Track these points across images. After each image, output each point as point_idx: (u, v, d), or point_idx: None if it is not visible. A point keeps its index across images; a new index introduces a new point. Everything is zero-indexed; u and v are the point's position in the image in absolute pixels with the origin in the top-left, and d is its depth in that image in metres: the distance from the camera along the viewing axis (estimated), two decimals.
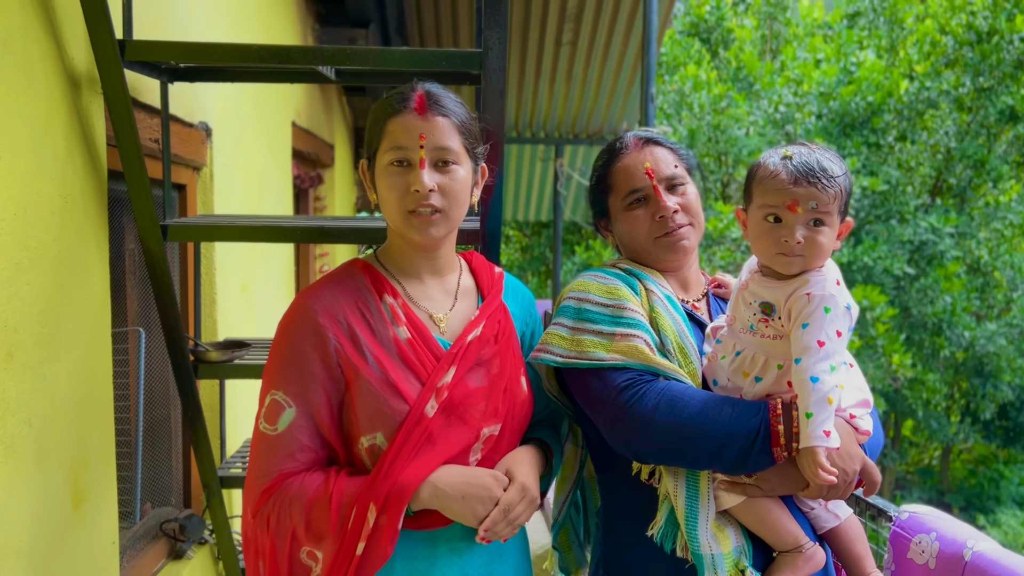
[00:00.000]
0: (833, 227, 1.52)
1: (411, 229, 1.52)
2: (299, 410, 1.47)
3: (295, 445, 1.47)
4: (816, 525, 1.62)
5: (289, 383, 1.48)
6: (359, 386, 1.47)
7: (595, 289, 1.67)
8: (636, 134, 1.80)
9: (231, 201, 3.23)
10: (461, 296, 1.66)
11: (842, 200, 1.51)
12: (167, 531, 2.71)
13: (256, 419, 1.51)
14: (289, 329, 1.51)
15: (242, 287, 3.38)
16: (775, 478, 1.50)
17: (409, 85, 1.56)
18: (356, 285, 1.55)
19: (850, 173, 1.57)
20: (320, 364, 1.48)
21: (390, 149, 1.50)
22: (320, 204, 5.39)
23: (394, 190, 1.50)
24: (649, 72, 3.97)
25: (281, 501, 1.45)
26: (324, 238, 2.20)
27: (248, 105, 3.48)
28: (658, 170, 1.71)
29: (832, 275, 1.54)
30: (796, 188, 1.49)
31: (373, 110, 1.56)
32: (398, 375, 1.49)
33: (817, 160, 1.51)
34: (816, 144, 1.58)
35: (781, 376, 1.51)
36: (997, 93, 9.02)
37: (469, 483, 1.47)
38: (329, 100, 5.42)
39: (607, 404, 1.55)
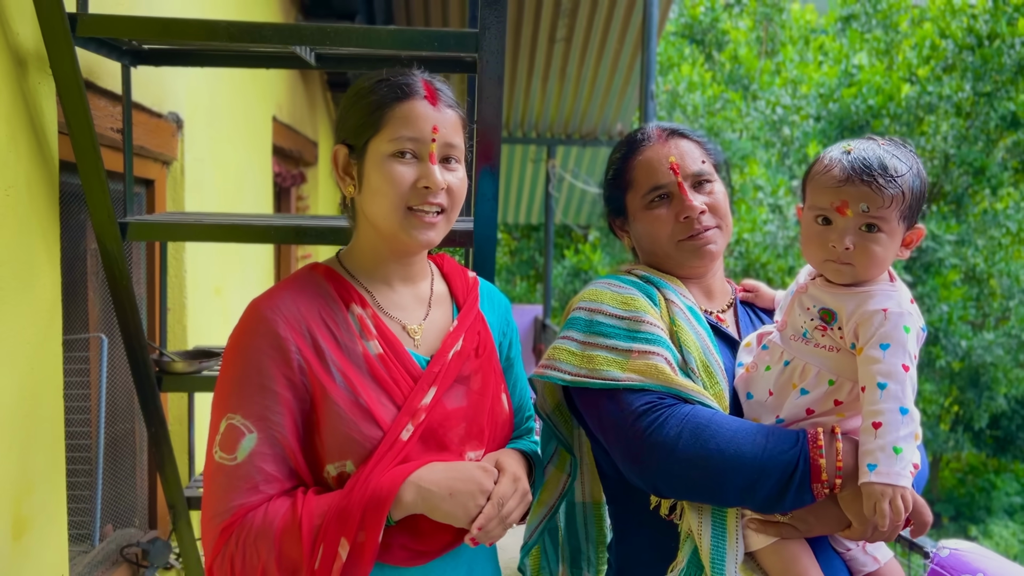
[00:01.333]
0: (892, 234, 1.34)
1: (408, 228, 1.33)
2: (261, 435, 1.26)
3: (259, 476, 1.26)
4: (853, 568, 1.44)
5: (248, 405, 1.27)
6: (326, 408, 1.28)
7: (609, 299, 1.48)
8: (660, 125, 1.61)
9: (204, 198, 3.01)
10: (435, 304, 1.47)
11: (904, 204, 1.33)
12: (128, 556, 2.49)
13: (209, 447, 1.30)
14: (244, 342, 1.30)
15: (216, 291, 3.17)
16: (812, 517, 1.32)
17: (406, 70, 1.37)
18: (318, 292, 1.35)
19: (924, 174, 1.39)
20: (283, 382, 1.28)
21: (395, 138, 1.31)
22: (303, 204, 5.18)
23: (397, 184, 1.31)
24: (649, 68, 3.78)
25: (245, 538, 1.24)
26: (300, 239, 1.99)
27: (225, 96, 3.27)
28: (684, 165, 1.52)
29: (906, 292, 1.37)
30: (847, 187, 1.32)
31: (364, 91, 1.35)
32: (370, 396, 1.30)
33: (879, 156, 1.33)
34: (891, 139, 1.39)
35: (830, 393, 1.35)
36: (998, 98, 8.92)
37: (456, 477, 1.29)
38: (313, 95, 5.22)
39: (623, 431, 1.37)
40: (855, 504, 1.28)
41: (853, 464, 1.28)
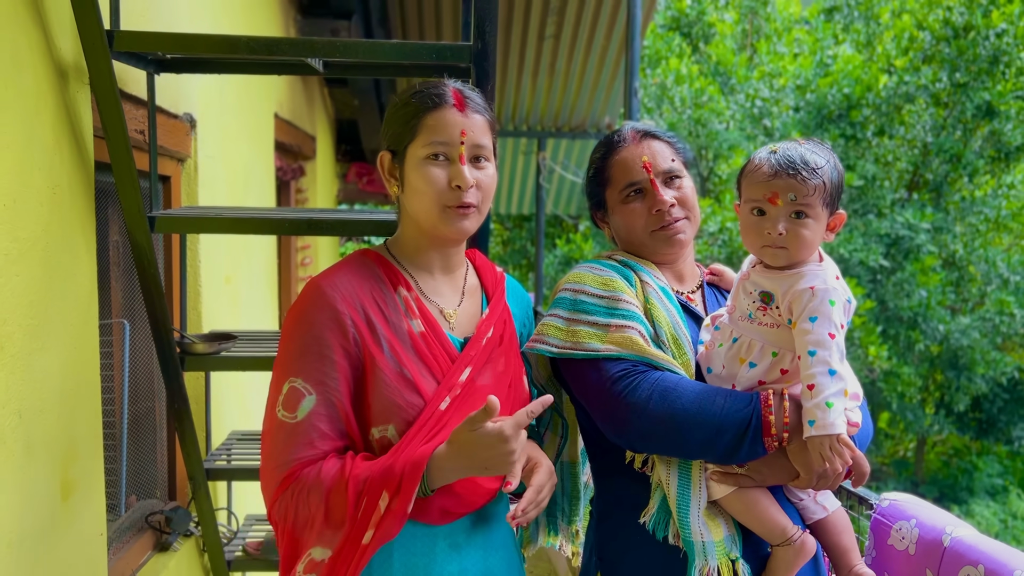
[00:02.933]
0: (818, 219, 1.54)
1: (446, 223, 1.53)
2: (319, 397, 1.46)
3: (315, 433, 1.45)
4: (805, 516, 1.65)
5: (308, 370, 1.46)
6: (375, 376, 1.48)
7: (591, 281, 1.69)
8: (634, 127, 1.82)
9: (215, 193, 3.22)
10: (468, 293, 1.68)
11: (826, 192, 1.54)
12: (153, 523, 2.71)
13: (271, 407, 1.49)
14: (306, 314, 1.49)
15: (226, 279, 3.37)
16: (766, 468, 1.54)
17: (438, 81, 1.58)
18: (371, 274, 1.56)
19: (840, 166, 1.60)
20: (340, 350, 1.47)
21: (429, 143, 1.51)
22: (302, 196, 5.37)
23: (433, 184, 1.50)
24: (633, 66, 3.99)
25: (300, 490, 1.44)
26: (312, 230, 2.20)
27: (232, 96, 3.47)
28: (655, 164, 1.73)
29: (832, 270, 1.57)
30: (776, 181, 1.54)
31: (401, 105, 1.56)
32: (412, 368, 1.50)
33: (800, 153, 1.55)
34: (809, 140, 1.61)
35: (775, 363, 1.55)
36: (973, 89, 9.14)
37: (481, 437, 1.41)
38: (311, 92, 5.40)
39: (602, 394, 1.58)
40: (801, 455, 1.49)
41: (798, 420, 1.49)
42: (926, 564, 1.71)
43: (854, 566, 1.62)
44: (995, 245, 9.99)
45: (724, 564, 1.53)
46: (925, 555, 1.72)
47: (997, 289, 9.49)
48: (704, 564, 1.53)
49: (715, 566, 1.53)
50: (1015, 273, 9.37)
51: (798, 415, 1.50)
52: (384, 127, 1.59)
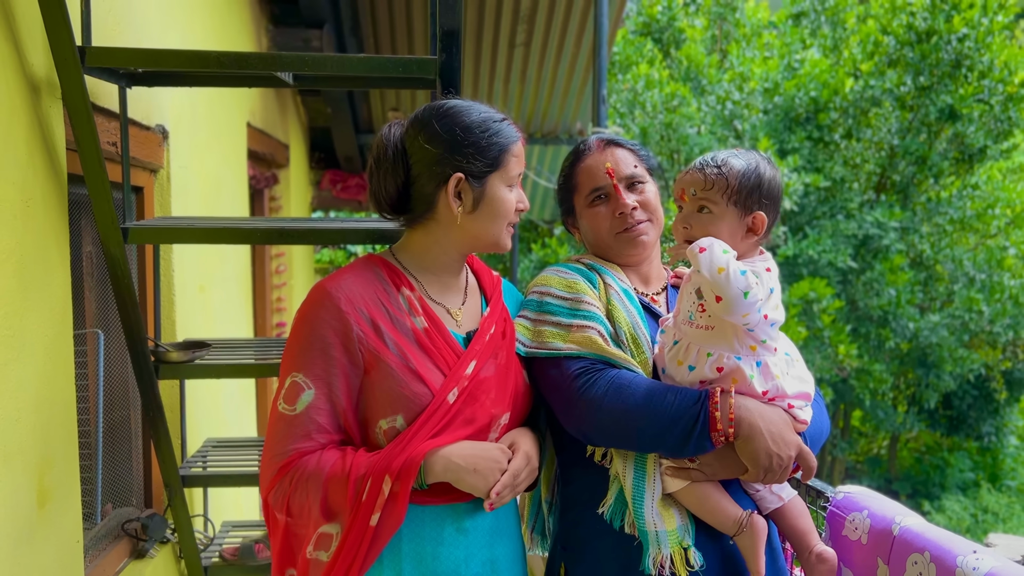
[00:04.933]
0: (722, 215, 1.63)
1: (506, 237, 1.73)
2: (318, 392, 1.55)
3: (312, 426, 1.55)
4: (761, 507, 1.73)
5: (310, 366, 1.55)
6: (379, 370, 1.57)
7: (556, 283, 1.79)
8: (599, 136, 1.92)
9: (188, 202, 3.25)
10: (469, 293, 1.79)
11: (729, 188, 1.63)
12: (129, 531, 2.73)
13: (274, 401, 1.58)
14: (311, 315, 1.58)
15: (200, 288, 3.40)
16: (716, 463, 1.62)
17: (505, 116, 1.71)
18: (375, 277, 1.65)
19: (769, 172, 1.67)
20: (341, 349, 1.56)
21: (513, 175, 1.70)
22: (276, 204, 5.39)
23: (511, 208, 1.70)
24: (600, 74, 4.06)
25: (298, 478, 1.53)
26: (284, 239, 2.25)
27: (203, 106, 3.50)
28: (618, 170, 1.83)
29: (766, 263, 1.65)
30: (684, 179, 1.67)
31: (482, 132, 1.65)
32: (418, 361, 1.59)
33: (715, 154, 1.67)
34: (748, 150, 1.72)
35: (711, 363, 1.62)
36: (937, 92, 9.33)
37: (480, 456, 1.57)
38: (284, 101, 5.43)
39: (562, 390, 1.67)
40: (748, 451, 1.57)
41: (745, 416, 1.56)
42: (877, 553, 1.78)
43: (814, 546, 1.69)
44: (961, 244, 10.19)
45: (677, 552, 1.61)
46: (876, 544, 1.80)
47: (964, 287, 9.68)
48: (658, 552, 1.60)
49: (668, 554, 1.60)
50: (980, 271, 9.57)
51: (745, 411, 1.57)
52: (458, 151, 1.64)
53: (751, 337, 1.62)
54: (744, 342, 1.62)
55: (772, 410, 1.60)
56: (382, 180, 1.68)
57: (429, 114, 1.66)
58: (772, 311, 1.61)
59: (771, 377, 1.62)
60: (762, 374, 1.62)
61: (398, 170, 1.66)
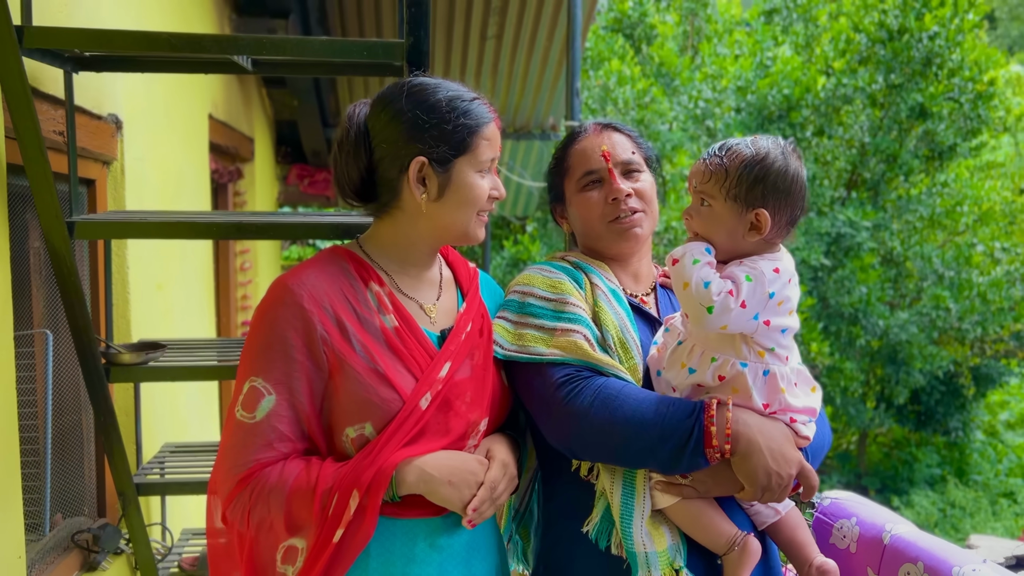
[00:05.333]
0: (721, 209, 1.52)
1: (476, 227, 1.60)
2: (279, 398, 1.44)
3: (274, 434, 1.43)
4: (757, 522, 1.62)
5: (270, 369, 1.44)
6: (344, 374, 1.45)
7: (539, 283, 1.67)
8: (597, 120, 1.81)
9: (144, 197, 3.10)
10: (444, 288, 1.67)
11: (728, 181, 1.50)
12: (79, 542, 2.59)
13: (231, 407, 1.47)
14: (271, 313, 1.46)
15: (158, 286, 3.26)
16: (710, 480, 1.50)
17: (475, 94, 1.59)
18: (341, 272, 1.53)
19: (779, 164, 1.52)
20: (304, 351, 1.44)
21: (483, 159, 1.58)
22: (240, 199, 5.24)
23: (482, 195, 1.57)
24: (574, 66, 3.97)
25: (260, 491, 1.41)
26: (242, 234, 2.12)
27: (161, 96, 3.35)
28: (614, 154, 1.72)
29: (773, 263, 1.51)
30: (691, 170, 1.57)
31: (447, 113, 1.54)
32: (387, 364, 1.47)
33: (726, 142, 1.55)
34: (764, 137, 1.57)
35: (714, 369, 1.51)
36: (908, 90, 9.37)
37: (456, 467, 1.47)
38: (248, 92, 5.28)
39: (544, 400, 1.55)
40: (745, 468, 1.45)
41: (743, 431, 1.44)
42: (867, 562, 1.71)
43: (814, 558, 1.59)
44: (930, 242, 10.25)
45: (668, 574, 1.50)
46: (866, 553, 1.72)
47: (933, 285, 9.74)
48: (647, 575, 1.49)
49: None
50: (949, 269, 9.63)
51: (743, 426, 1.46)
52: (420, 133, 1.52)
53: (756, 343, 1.52)
54: (752, 347, 1.52)
55: (773, 425, 1.49)
56: (345, 164, 1.56)
57: (393, 92, 1.55)
58: (777, 316, 1.49)
59: (776, 389, 1.51)
60: (767, 385, 1.51)
61: (360, 153, 1.54)
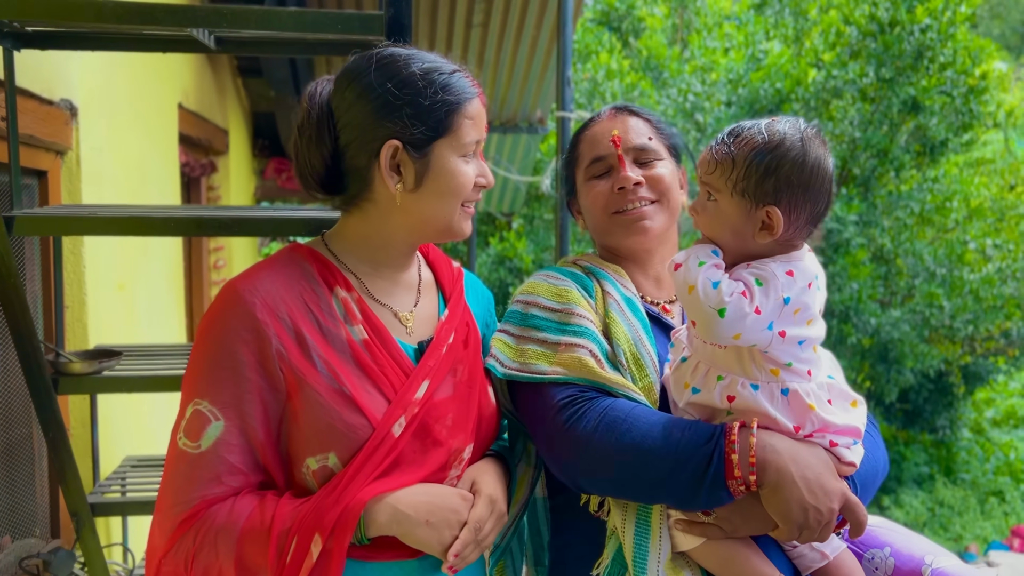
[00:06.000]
0: (727, 205, 1.31)
1: (461, 220, 1.40)
2: (228, 424, 1.22)
3: (222, 466, 1.22)
4: (800, 566, 1.39)
5: (217, 391, 1.23)
6: (304, 396, 1.24)
7: (544, 292, 1.48)
8: (615, 104, 1.63)
9: (104, 190, 2.87)
10: (423, 292, 1.45)
11: (734, 173, 1.29)
12: (28, 568, 2.36)
13: (173, 433, 1.25)
14: (218, 324, 1.25)
15: (119, 286, 3.03)
16: (737, 517, 1.28)
17: (456, 66, 1.39)
18: (300, 274, 1.31)
19: (789, 154, 1.29)
20: (256, 369, 1.23)
21: (466, 142, 1.39)
22: (214, 194, 5.01)
23: (468, 182, 1.37)
24: (565, 54, 3.77)
25: (205, 532, 1.20)
26: (203, 231, 1.91)
27: (124, 82, 3.12)
28: (626, 139, 1.54)
29: (787, 266, 1.31)
30: (701, 156, 1.36)
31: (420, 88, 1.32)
32: (353, 384, 1.26)
33: (742, 124, 1.35)
34: (795, 118, 1.37)
35: (721, 389, 1.31)
36: (899, 84, 9.23)
37: (435, 504, 1.26)
38: (223, 82, 5.04)
39: (545, 424, 1.37)
40: (777, 502, 1.23)
41: (772, 459, 1.23)
42: None
43: None
44: (920, 239, 10.13)
45: None
46: None
47: (925, 282, 9.62)
48: None
49: None
50: (941, 266, 9.51)
51: (772, 452, 1.24)
52: (391, 112, 1.32)
53: (769, 360, 1.30)
54: (762, 365, 1.30)
55: (809, 450, 1.27)
56: (306, 152, 1.34)
57: (360, 65, 1.33)
58: (794, 326, 1.28)
59: (804, 408, 1.29)
60: (790, 404, 1.29)
61: (324, 138, 1.32)
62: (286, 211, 2.09)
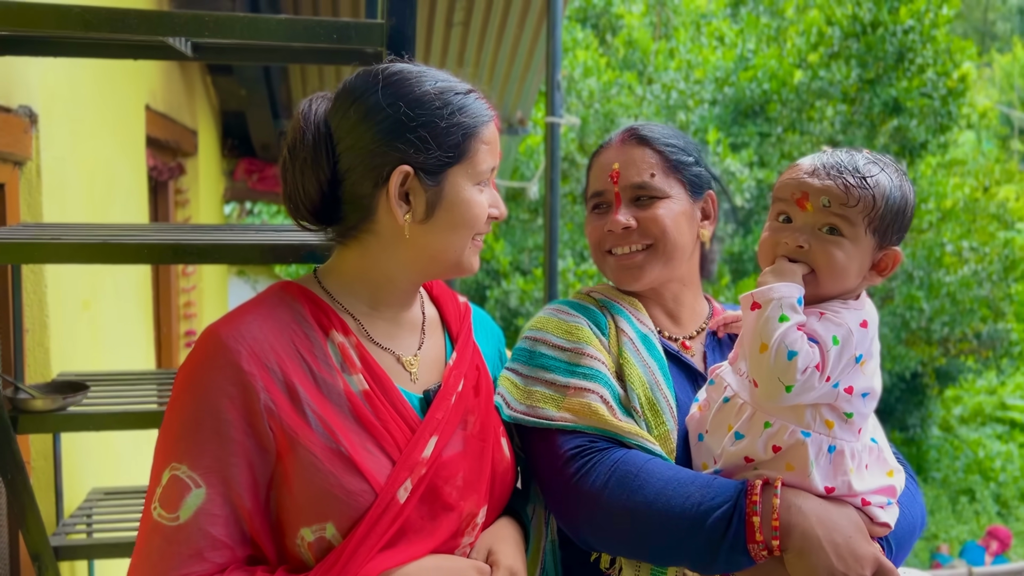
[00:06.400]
0: (857, 243, 1.22)
1: (471, 254, 1.30)
2: (211, 491, 1.08)
3: (204, 540, 1.07)
4: None
5: (198, 454, 1.08)
6: (297, 458, 1.10)
7: (554, 328, 1.39)
8: (629, 126, 1.51)
9: (67, 202, 2.66)
10: (428, 333, 1.31)
11: (874, 211, 1.21)
12: None
13: (147, 503, 1.10)
14: (198, 377, 1.10)
15: (84, 304, 2.82)
16: None
17: (471, 87, 1.27)
18: (291, 317, 1.17)
19: (909, 194, 1.25)
20: (242, 428, 1.09)
21: (482, 169, 1.29)
22: (182, 198, 4.79)
23: (482, 214, 1.27)
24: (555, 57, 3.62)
25: None
26: (179, 258, 1.72)
27: (88, 86, 2.91)
28: (625, 174, 1.42)
29: (861, 315, 1.23)
30: (811, 179, 1.22)
31: (438, 110, 1.22)
32: (353, 442, 1.12)
33: (854, 158, 1.24)
34: (880, 155, 1.29)
35: (768, 437, 1.21)
36: (881, 85, 9.24)
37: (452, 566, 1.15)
38: (191, 80, 4.82)
39: (552, 475, 1.27)
40: (802, 566, 1.15)
41: (797, 522, 1.15)
42: None
43: None
44: None
45: None
46: None
47: (903, 284, 9.64)
48: None
49: None
50: (919, 268, 9.53)
51: (797, 514, 1.16)
52: (402, 134, 1.20)
53: (831, 409, 1.21)
54: (819, 415, 1.21)
55: (839, 511, 1.19)
56: (299, 177, 1.20)
57: (364, 82, 1.20)
58: (860, 379, 1.21)
59: (843, 471, 1.21)
60: (832, 463, 1.21)
61: (321, 162, 1.18)
62: (272, 234, 1.91)
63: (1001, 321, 9.84)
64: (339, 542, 1.10)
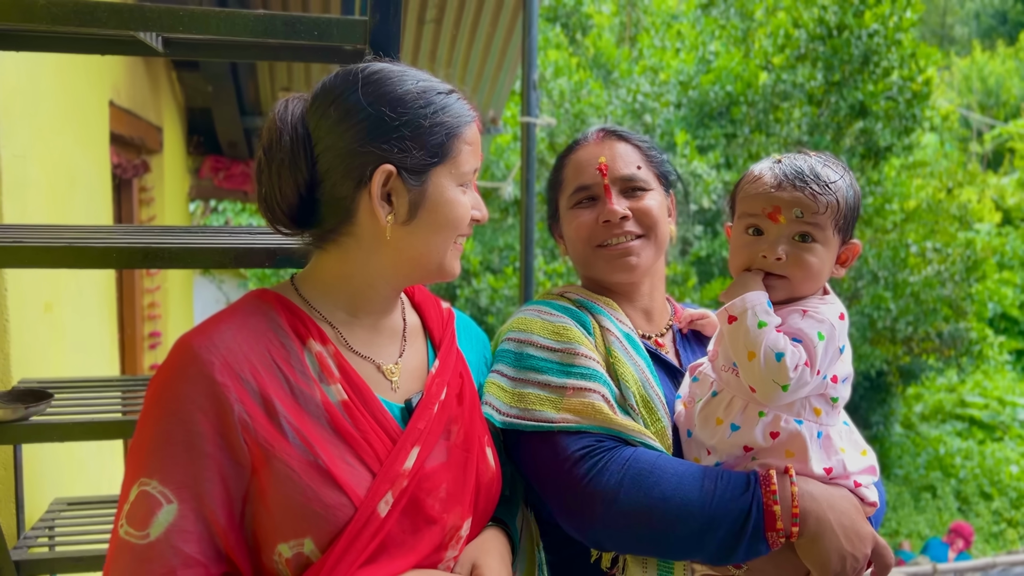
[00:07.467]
0: (827, 245, 1.29)
1: (453, 257, 1.29)
2: (183, 507, 1.04)
3: (177, 558, 1.03)
4: None
5: (169, 468, 1.04)
6: (273, 472, 1.06)
7: (539, 329, 1.38)
8: (602, 126, 1.54)
9: (28, 201, 2.57)
10: (409, 339, 1.29)
11: (839, 214, 1.29)
12: None
13: (115, 521, 1.06)
14: (170, 388, 1.07)
15: (46, 307, 2.73)
16: (771, 568, 1.24)
17: (453, 88, 1.26)
18: (267, 326, 1.14)
19: (857, 187, 1.34)
20: (215, 441, 1.05)
21: (465, 170, 1.30)
22: (147, 196, 4.68)
23: (465, 215, 1.27)
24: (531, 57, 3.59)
25: None
26: (150, 262, 1.65)
27: (49, 81, 2.81)
28: (613, 167, 1.45)
29: (837, 308, 1.31)
30: (780, 193, 1.28)
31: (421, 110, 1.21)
32: (331, 455, 1.09)
33: (811, 165, 1.31)
34: (818, 153, 1.36)
35: (764, 426, 1.26)
36: (847, 87, 9.37)
37: None
38: (156, 76, 4.71)
39: (560, 479, 1.26)
40: (813, 551, 1.21)
41: (812, 508, 1.21)
42: None
43: None
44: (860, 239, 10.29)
45: None
46: None
47: (869, 284, 9.78)
48: None
49: None
50: (884, 269, 9.68)
51: (812, 501, 1.22)
52: (385, 133, 1.17)
53: (819, 397, 1.29)
54: (808, 403, 1.29)
55: (840, 496, 1.25)
56: (276, 179, 1.16)
57: (343, 82, 1.17)
58: (842, 366, 1.30)
59: (834, 451, 1.29)
60: (823, 447, 1.28)
61: (299, 164, 1.15)
62: (245, 237, 1.85)
63: (962, 320, 10.03)
64: (318, 558, 1.07)
